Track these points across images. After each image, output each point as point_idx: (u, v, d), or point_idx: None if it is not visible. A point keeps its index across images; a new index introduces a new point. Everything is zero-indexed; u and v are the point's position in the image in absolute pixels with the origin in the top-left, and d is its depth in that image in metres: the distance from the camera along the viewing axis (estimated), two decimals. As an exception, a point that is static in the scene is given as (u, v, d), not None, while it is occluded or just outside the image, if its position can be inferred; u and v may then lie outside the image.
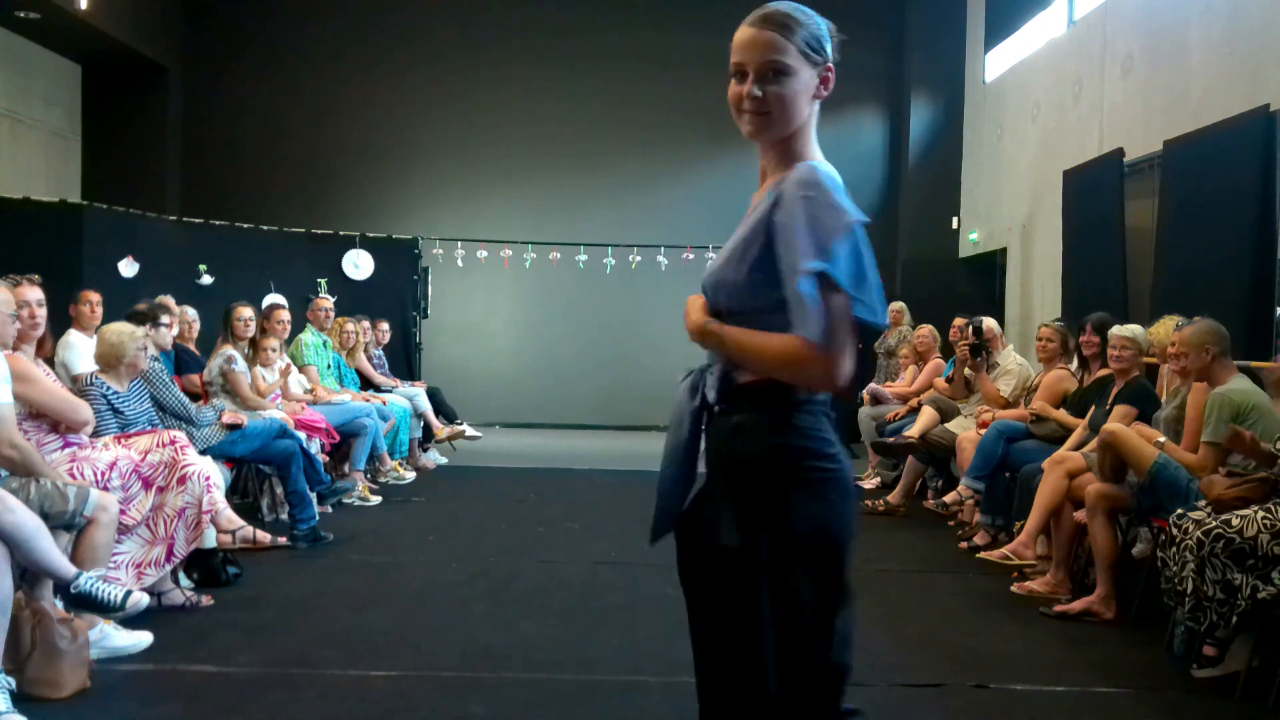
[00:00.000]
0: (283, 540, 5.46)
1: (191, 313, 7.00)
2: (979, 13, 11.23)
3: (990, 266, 10.90)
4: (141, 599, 3.47)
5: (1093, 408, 5.27)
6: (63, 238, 8.32)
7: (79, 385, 4.59)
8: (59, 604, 3.45)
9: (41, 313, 4.08)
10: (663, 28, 12.20)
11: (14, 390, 3.61)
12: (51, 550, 3.26)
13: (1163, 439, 4.31)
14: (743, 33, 1.80)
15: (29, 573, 3.33)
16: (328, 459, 6.73)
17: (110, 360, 4.65)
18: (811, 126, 1.87)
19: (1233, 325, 4.57)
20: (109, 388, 4.59)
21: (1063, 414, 5.66)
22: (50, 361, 4.50)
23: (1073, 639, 4.21)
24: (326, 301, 7.97)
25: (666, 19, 12.22)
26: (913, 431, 6.82)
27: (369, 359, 8.43)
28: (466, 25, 12.27)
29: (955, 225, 11.77)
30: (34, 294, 4.05)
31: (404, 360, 10.32)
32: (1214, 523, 3.57)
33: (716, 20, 13.87)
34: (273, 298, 9.37)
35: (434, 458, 8.67)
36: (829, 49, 1.82)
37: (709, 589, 1.81)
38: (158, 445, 4.31)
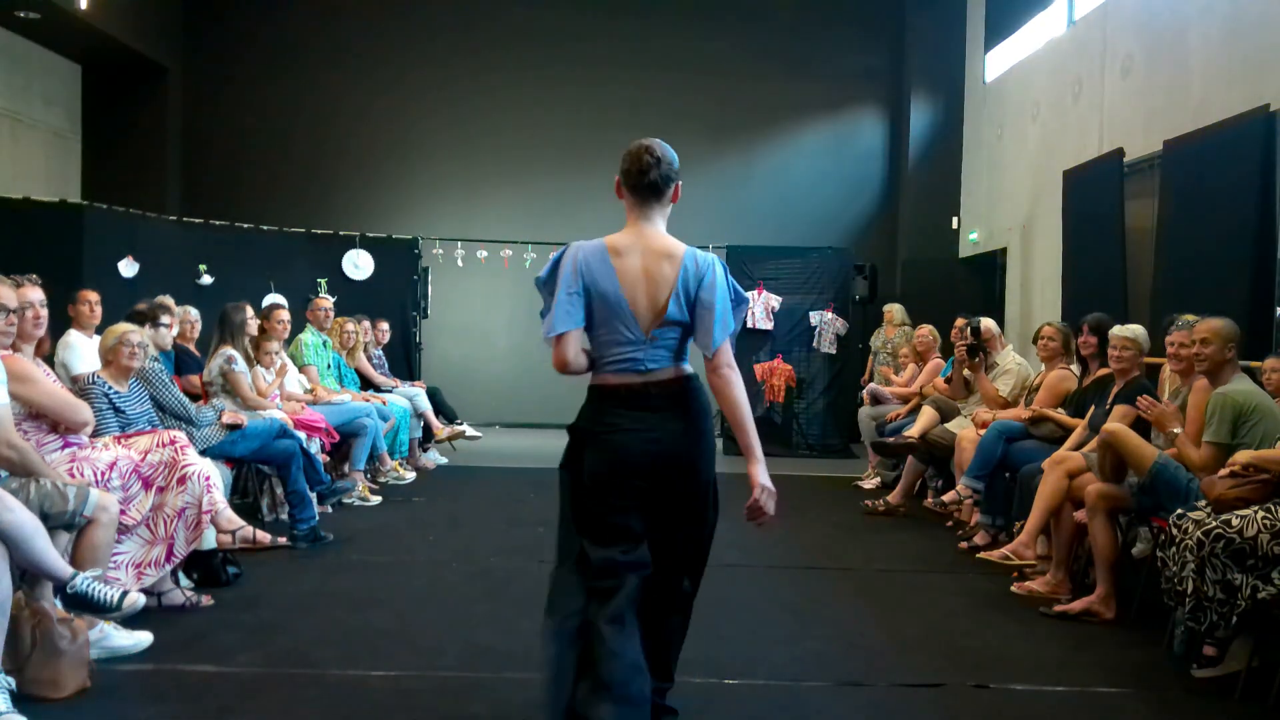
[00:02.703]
0: (283, 540, 5.45)
1: (194, 313, 7.00)
2: (979, 13, 11.24)
3: (990, 266, 10.90)
4: (138, 600, 3.46)
5: (1092, 408, 5.27)
6: (63, 238, 8.32)
7: (79, 385, 4.59)
8: (59, 604, 3.44)
9: (44, 313, 4.09)
10: (662, 29, 12.20)
11: (13, 391, 3.61)
12: (48, 550, 3.25)
13: (1178, 430, 4.28)
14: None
15: (29, 573, 3.32)
16: (328, 459, 6.73)
17: (102, 358, 4.67)
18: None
19: (1232, 325, 4.56)
20: (110, 387, 4.59)
21: (1061, 414, 5.66)
22: (50, 361, 4.50)
23: (1073, 639, 4.21)
24: (326, 301, 7.96)
25: (666, 20, 12.22)
26: (913, 431, 6.82)
27: (368, 359, 8.43)
28: (467, 25, 12.27)
29: (955, 225, 11.77)
30: (37, 294, 4.05)
31: (404, 360, 10.32)
32: (1214, 523, 3.57)
33: (715, 22, 13.92)
34: (273, 298, 9.38)
35: (434, 458, 8.67)
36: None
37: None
38: (158, 445, 4.31)
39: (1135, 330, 5.18)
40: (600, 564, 2.81)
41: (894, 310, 9.52)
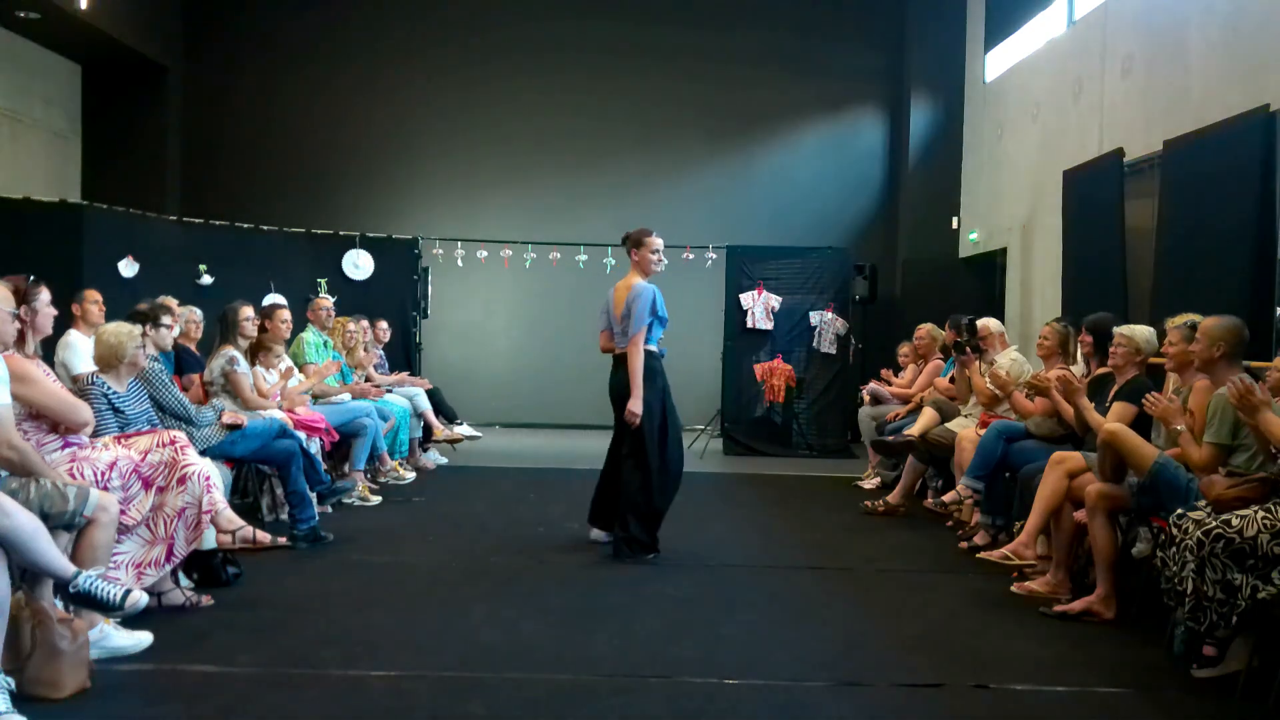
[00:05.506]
0: (283, 540, 5.44)
1: (198, 313, 7.01)
2: (979, 13, 11.24)
3: (990, 266, 10.90)
4: (140, 598, 3.45)
5: (1092, 404, 5.26)
6: (63, 238, 8.33)
7: (79, 385, 4.58)
8: (59, 604, 3.44)
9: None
10: (662, 27, 12.19)
11: (14, 391, 3.60)
12: (50, 550, 3.25)
13: (1181, 426, 4.28)
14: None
15: (29, 572, 3.32)
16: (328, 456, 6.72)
17: (109, 360, 4.65)
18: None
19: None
20: (109, 387, 4.58)
21: (1058, 379, 5.50)
22: (50, 361, 4.50)
23: (1073, 639, 4.21)
24: (327, 301, 7.96)
25: (666, 19, 12.21)
26: (913, 431, 6.82)
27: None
28: (467, 25, 12.27)
29: (955, 225, 11.77)
30: (46, 294, 4.07)
31: (404, 360, 10.32)
32: (1214, 523, 3.57)
33: (715, 21, 13.92)
34: (273, 298, 9.37)
35: (434, 458, 8.67)
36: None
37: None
38: (158, 445, 4.30)
39: (1138, 330, 5.17)
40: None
41: None
